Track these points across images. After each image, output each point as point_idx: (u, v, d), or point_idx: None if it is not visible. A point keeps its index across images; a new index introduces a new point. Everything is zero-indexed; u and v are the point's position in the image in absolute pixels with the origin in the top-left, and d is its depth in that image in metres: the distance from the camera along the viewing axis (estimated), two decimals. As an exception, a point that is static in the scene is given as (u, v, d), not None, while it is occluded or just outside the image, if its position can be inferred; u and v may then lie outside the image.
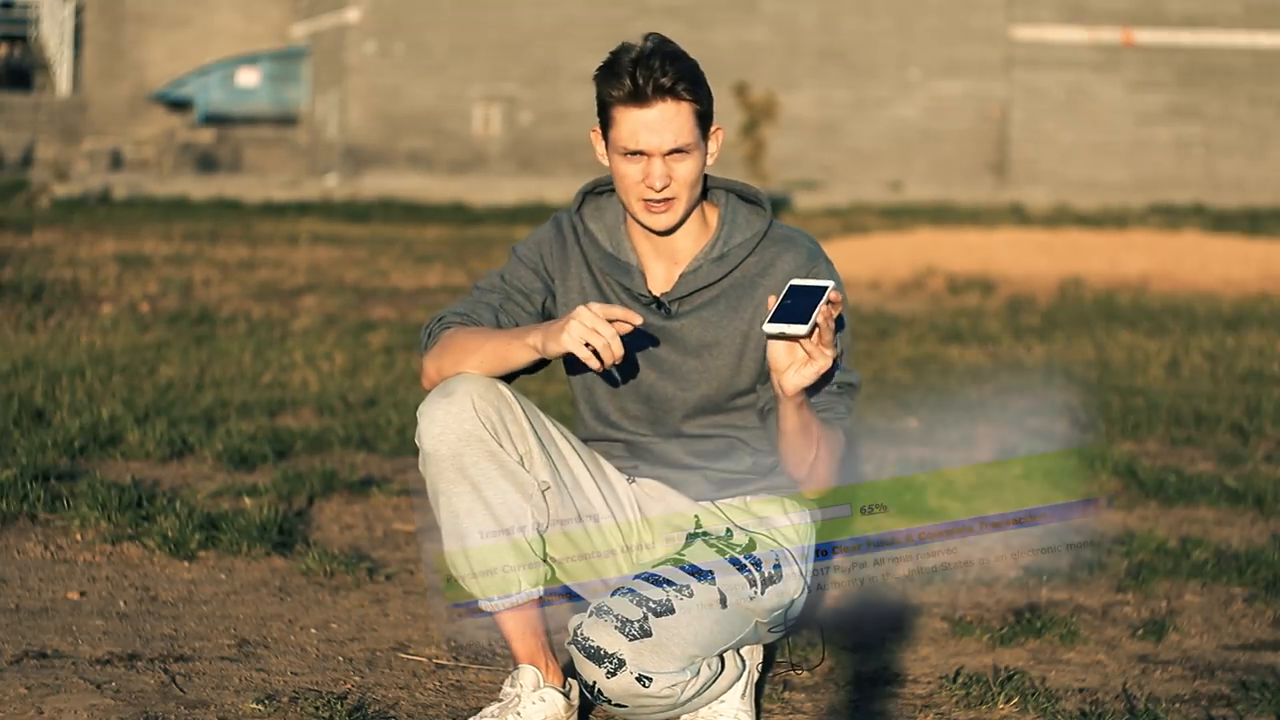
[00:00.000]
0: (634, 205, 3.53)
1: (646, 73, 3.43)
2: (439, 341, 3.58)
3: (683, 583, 3.41)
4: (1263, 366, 9.54)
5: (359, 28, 27.70)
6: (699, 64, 3.52)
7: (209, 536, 5.14)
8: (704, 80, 3.50)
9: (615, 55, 3.49)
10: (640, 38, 3.53)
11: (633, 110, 3.46)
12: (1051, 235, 18.08)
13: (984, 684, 4.03)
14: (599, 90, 3.50)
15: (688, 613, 3.38)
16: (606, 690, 3.32)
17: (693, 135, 3.48)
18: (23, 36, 33.51)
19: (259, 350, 9.18)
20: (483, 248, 16.69)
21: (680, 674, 3.35)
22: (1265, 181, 28.46)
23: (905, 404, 8.12)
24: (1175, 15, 28.58)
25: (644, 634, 3.32)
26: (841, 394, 3.57)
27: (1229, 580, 5.04)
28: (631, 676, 3.30)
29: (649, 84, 3.43)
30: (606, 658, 3.30)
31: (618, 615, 3.32)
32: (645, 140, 3.46)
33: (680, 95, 3.45)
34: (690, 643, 3.37)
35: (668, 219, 3.53)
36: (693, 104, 3.47)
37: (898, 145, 28.45)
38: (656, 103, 3.45)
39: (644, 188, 3.49)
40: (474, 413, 3.46)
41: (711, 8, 27.96)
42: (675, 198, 3.51)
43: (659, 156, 3.47)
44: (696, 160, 3.50)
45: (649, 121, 3.45)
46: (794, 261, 3.58)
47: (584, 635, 3.33)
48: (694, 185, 3.52)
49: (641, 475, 3.72)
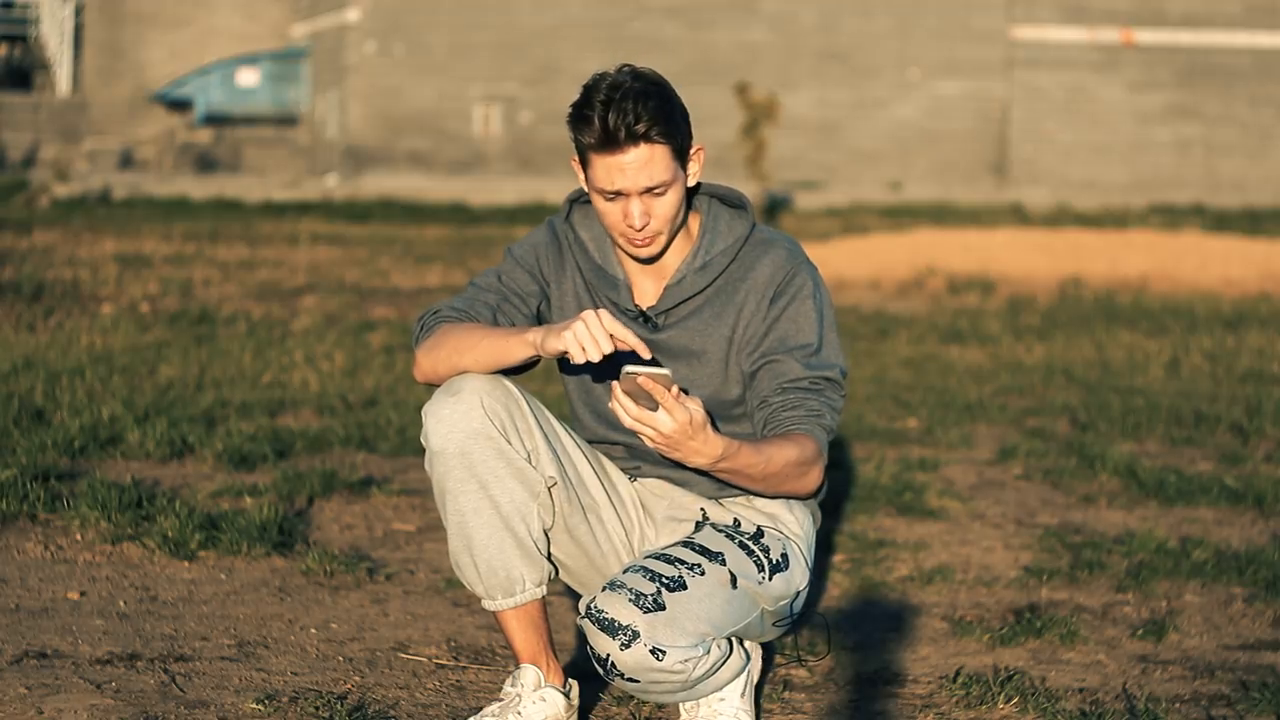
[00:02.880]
0: (617, 239, 3.55)
1: (618, 117, 3.39)
2: (433, 335, 3.58)
3: (694, 561, 3.43)
4: (1263, 366, 9.55)
5: (359, 28, 27.69)
6: (672, 93, 3.47)
7: (209, 536, 5.14)
8: (677, 114, 3.45)
9: (586, 94, 3.45)
10: (614, 69, 3.49)
11: (606, 156, 3.44)
12: (1051, 235, 18.08)
13: (984, 684, 4.03)
14: (572, 132, 3.48)
15: (700, 589, 3.39)
16: (620, 663, 3.32)
17: (669, 173, 3.45)
18: (23, 36, 33.51)
19: (259, 350, 9.18)
20: (483, 248, 16.69)
21: (692, 649, 3.36)
22: (1265, 181, 28.46)
23: (905, 404, 8.12)
24: (1175, 15, 28.58)
25: (658, 607, 3.33)
26: (814, 390, 3.55)
27: (1229, 580, 5.04)
28: (646, 649, 3.31)
29: (620, 130, 3.40)
30: (621, 629, 3.31)
31: (632, 589, 3.33)
32: (621, 183, 3.45)
33: (653, 139, 3.42)
34: (702, 619, 3.38)
35: (650, 250, 3.54)
36: (666, 145, 3.44)
37: (898, 145, 28.45)
38: (630, 148, 3.42)
39: (625, 226, 3.49)
40: (482, 410, 3.46)
41: (711, 8, 27.95)
42: (658, 233, 3.51)
43: (636, 196, 3.46)
44: (676, 193, 3.49)
45: (623, 166, 3.43)
46: (773, 263, 3.59)
47: (598, 608, 3.33)
48: (675, 217, 3.52)
49: (644, 476, 3.72)
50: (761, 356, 3.56)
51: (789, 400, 3.52)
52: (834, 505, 5.86)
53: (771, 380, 3.54)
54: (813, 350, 3.55)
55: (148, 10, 31.56)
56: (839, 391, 3.57)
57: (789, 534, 3.62)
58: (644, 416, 3.20)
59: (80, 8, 31.93)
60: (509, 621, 3.59)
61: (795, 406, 3.51)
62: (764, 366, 3.55)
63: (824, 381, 3.55)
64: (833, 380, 3.56)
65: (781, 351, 3.54)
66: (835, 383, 3.57)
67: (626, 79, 3.44)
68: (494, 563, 3.51)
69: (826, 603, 4.85)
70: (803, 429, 3.50)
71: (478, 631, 4.48)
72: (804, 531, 3.66)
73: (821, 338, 3.58)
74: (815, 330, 3.57)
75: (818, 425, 3.52)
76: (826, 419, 3.53)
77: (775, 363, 3.54)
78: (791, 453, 3.44)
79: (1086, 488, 6.30)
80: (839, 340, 3.64)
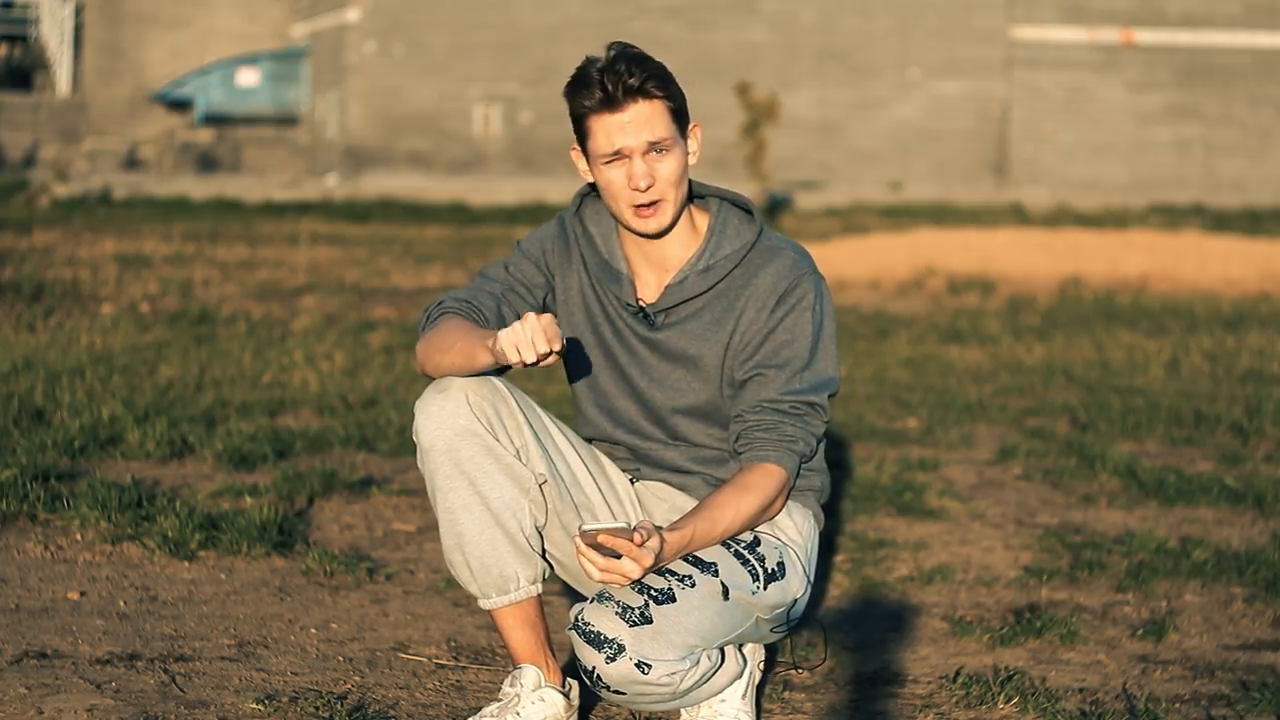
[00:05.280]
0: (624, 213, 3.55)
1: (614, 77, 3.45)
2: (432, 327, 3.59)
3: (685, 573, 3.41)
4: (1263, 366, 9.55)
5: (359, 28, 27.69)
6: (665, 65, 3.55)
7: (209, 536, 5.14)
8: (673, 79, 3.53)
9: (581, 69, 3.51)
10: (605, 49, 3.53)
11: (606, 116, 3.48)
12: (1051, 235, 18.09)
13: (984, 684, 4.03)
14: (571, 105, 3.52)
15: (689, 602, 3.38)
16: (605, 676, 3.32)
17: (669, 131, 3.49)
18: (23, 36, 33.51)
19: (259, 350, 9.18)
20: (483, 248, 16.70)
21: (679, 662, 3.35)
22: (1265, 181, 28.46)
23: (905, 404, 8.12)
24: (1175, 15, 28.58)
25: (644, 620, 3.32)
26: (794, 414, 3.55)
27: (1229, 580, 5.04)
28: (631, 662, 3.30)
29: (618, 87, 3.45)
30: (606, 643, 3.31)
31: (619, 602, 3.33)
32: (622, 140, 3.47)
33: (651, 94, 3.47)
34: (690, 632, 3.37)
35: (658, 221, 3.54)
36: (665, 100, 3.49)
37: (898, 145, 28.45)
38: (629, 104, 3.47)
39: (631, 191, 3.50)
40: (469, 407, 3.47)
41: (711, 8, 27.96)
42: (662, 199, 3.52)
43: (639, 155, 3.48)
44: (677, 157, 3.51)
45: (624, 123, 3.47)
46: (777, 271, 3.58)
47: (585, 620, 3.33)
48: (678, 184, 3.53)
49: (644, 478, 3.72)
50: (754, 367, 3.56)
51: (765, 421, 3.53)
52: (834, 505, 5.85)
53: (754, 395, 3.55)
54: (803, 365, 3.55)
55: (148, 10, 31.56)
56: (821, 417, 3.58)
57: (787, 541, 3.60)
58: (612, 566, 3.28)
59: (80, 8, 31.93)
60: (505, 620, 3.58)
61: (770, 429, 3.53)
62: (752, 378, 3.56)
63: (805, 406, 3.55)
64: (815, 405, 3.56)
65: (772, 365, 3.54)
66: (818, 408, 3.57)
67: (620, 48, 3.50)
68: (486, 560, 3.51)
69: (827, 603, 4.85)
70: (772, 458, 3.52)
71: (478, 631, 4.48)
72: (803, 538, 3.64)
73: (815, 352, 3.57)
74: (809, 344, 3.56)
75: (789, 452, 3.53)
76: (800, 445, 3.54)
77: (762, 377, 3.55)
78: (751, 504, 3.49)
79: (1086, 488, 6.30)
80: (836, 352, 3.63)
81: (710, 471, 3.67)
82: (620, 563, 3.28)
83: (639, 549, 3.28)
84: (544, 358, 3.31)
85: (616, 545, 3.27)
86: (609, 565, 3.28)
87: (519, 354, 3.30)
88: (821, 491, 3.71)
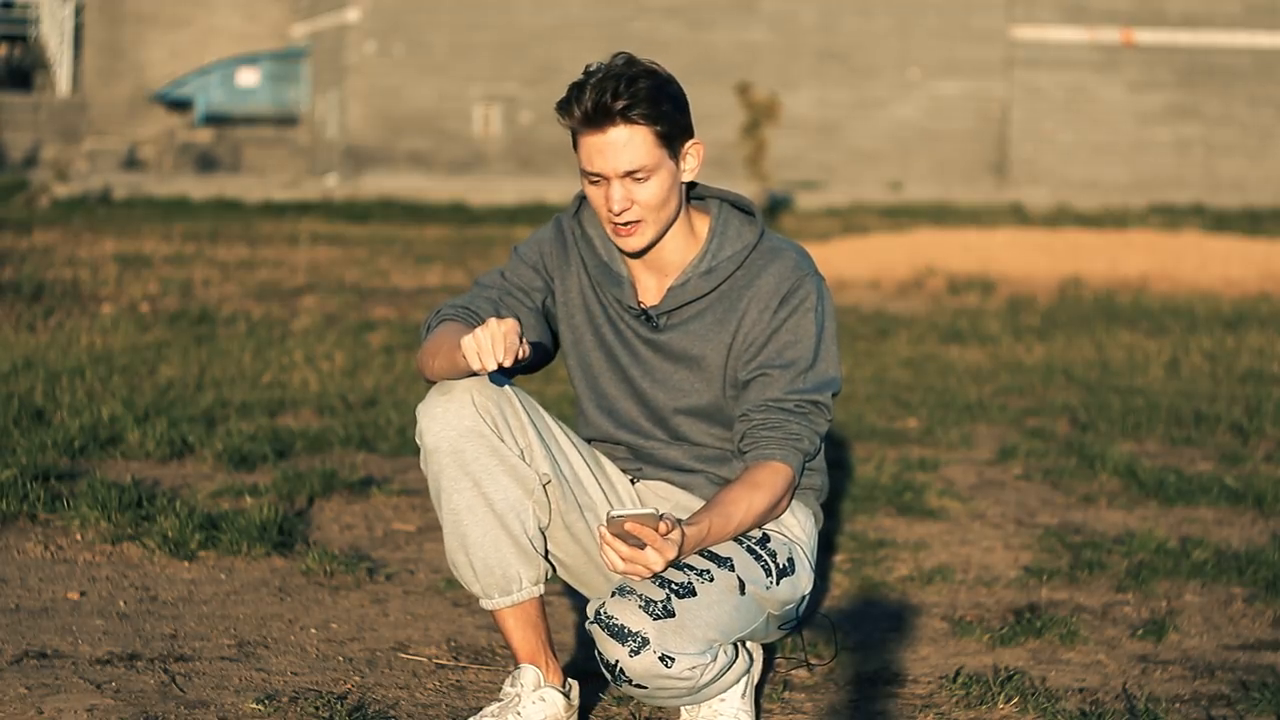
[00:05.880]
0: (605, 227, 3.55)
1: (599, 96, 3.41)
2: (430, 334, 3.60)
3: (703, 567, 3.42)
4: (1263, 366, 9.55)
5: (359, 28, 27.69)
6: (667, 81, 3.47)
7: (209, 536, 5.14)
8: (666, 100, 3.45)
9: (576, 81, 3.47)
10: (610, 57, 3.51)
11: (588, 136, 3.46)
12: (1051, 235, 18.09)
13: (984, 684, 4.03)
14: (560, 116, 3.50)
15: (709, 596, 3.39)
16: (629, 669, 3.32)
17: (651, 157, 3.45)
18: (23, 36, 33.51)
19: (259, 350, 9.18)
20: (483, 248, 16.69)
21: (700, 656, 3.36)
22: (1265, 181, 28.46)
23: (905, 404, 8.12)
24: (1175, 15, 28.58)
25: (667, 614, 3.32)
26: (799, 413, 3.56)
27: (1229, 580, 5.04)
28: (655, 656, 3.30)
29: (598, 110, 3.41)
30: (630, 636, 3.30)
31: (641, 595, 3.33)
32: (600, 164, 3.46)
33: (632, 120, 3.42)
34: (711, 626, 3.38)
35: (635, 242, 3.52)
36: (649, 126, 3.43)
37: (898, 145, 28.45)
38: (609, 127, 3.43)
39: (606, 211, 3.50)
40: (474, 408, 3.47)
41: (711, 8, 27.95)
42: (640, 220, 3.50)
43: (616, 180, 3.46)
44: (660, 181, 3.48)
45: (602, 146, 3.44)
46: (779, 273, 3.58)
47: (608, 613, 3.33)
48: (660, 207, 3.50)
49: (646, 478, 3.72)
50: (757, 368, 3.56)
51: (770, 420, 3.53)
52: (834, 505, 5.85)
53: (759, 394, 3.55)
54: (807, 366, 3.55)
55: (148, 10, 31.55)
56: (825, 415, 3.58)
57: (793, 538, 3.62)
58: (636, 557, 3.27)
59: (80, 8, 31.92)
60: (507, 621, 3.58)
61: (776, 427, 3.53)
62: (756, 378, 3.56)
63: (810, 405, 3.56)
64: (820, 404, 3.57)
65: (775, 366, 3.54)
66: (822, 406, 3.57)
67: (620, 65, 3.46)
68: (490, 561, 3.51)
69: (827, 603, 4.85)
70: (778, 456, 3.52)
71: (478, 631, 4.48)
72: (807, 535, 3.66)
73: (818, 352, 3.57)
74: (813, 344, 3.56)
75: (794, 450, 3.53)
76: (805, 444, 3.54)
77: (766, 377, 3.55)
78: (762, 501, 3.49)
79: (1086, 488, 6.30)
80: (838, 352, 3.63)
81: (713, 470, 3.67)
82: (644, 553, 3.27)
83: (663, 540, 3.28)
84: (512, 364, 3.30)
85: (642, 534, 3.26)
86: (633, 556, 3.27)
87: (480, 361, 3.29)
88: (821, 490, 3.72)
